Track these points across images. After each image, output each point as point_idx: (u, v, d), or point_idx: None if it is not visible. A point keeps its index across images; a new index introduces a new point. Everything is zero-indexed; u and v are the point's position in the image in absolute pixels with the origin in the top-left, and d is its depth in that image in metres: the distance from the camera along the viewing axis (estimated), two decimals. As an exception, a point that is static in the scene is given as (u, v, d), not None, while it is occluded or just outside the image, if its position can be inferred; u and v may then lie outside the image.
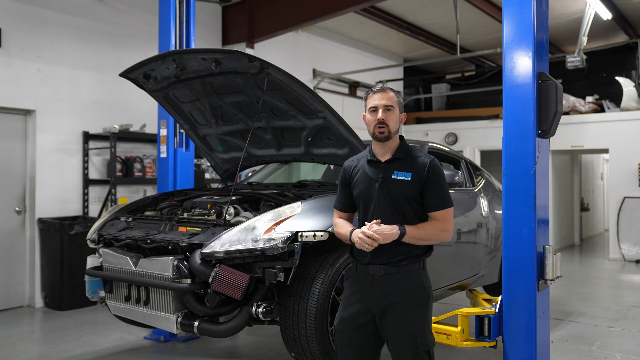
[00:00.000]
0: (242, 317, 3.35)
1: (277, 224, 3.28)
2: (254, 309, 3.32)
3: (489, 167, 8.37)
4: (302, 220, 3.33)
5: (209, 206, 3.90)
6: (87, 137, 6.57)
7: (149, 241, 3.64)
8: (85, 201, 6.56)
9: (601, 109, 10.17)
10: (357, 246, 2.55)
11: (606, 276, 8.47)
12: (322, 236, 3.31)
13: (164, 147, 5.15)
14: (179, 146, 5.17)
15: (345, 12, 7.98)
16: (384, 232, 2.49)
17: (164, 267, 3.44)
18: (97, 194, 6.74)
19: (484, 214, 5.09)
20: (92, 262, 4.04)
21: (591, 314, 5.84)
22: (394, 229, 2.50)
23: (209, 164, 5.30)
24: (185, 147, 5.20)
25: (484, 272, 5.16)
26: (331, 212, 3.36)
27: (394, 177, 2.59)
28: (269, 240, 3.22)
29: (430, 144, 4.95)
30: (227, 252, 3.26)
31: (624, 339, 4.97)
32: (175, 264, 3.40)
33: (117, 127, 6.48)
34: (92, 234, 4.08)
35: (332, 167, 5.27)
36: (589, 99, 10.57)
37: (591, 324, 5.44)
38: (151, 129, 6.99)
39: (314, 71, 9.85)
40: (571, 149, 10.44)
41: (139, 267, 3.60)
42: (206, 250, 3.30)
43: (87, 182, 6.58)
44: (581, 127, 10.02)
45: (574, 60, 8.59)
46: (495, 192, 5.53)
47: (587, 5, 8.02)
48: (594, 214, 14.20)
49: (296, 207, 3.41)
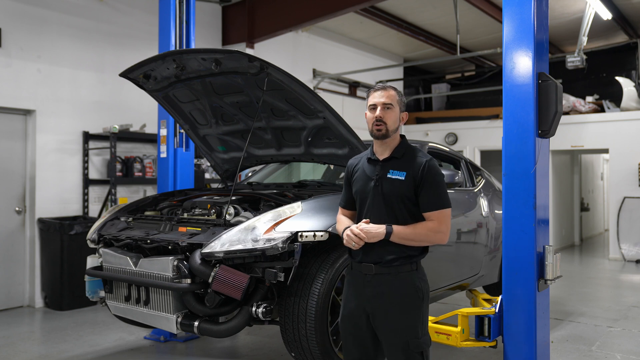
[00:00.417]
0: (242, 317, 3.36)
1: (277, 224, 3.28)
2: (254, 309, 3.32)
3: (489, 167, 8.37)
4: (302, 220, 3.33)
5: (209, 206, 3.90)
6: (87, 137, 6.57)
7: (149, 241, 3.64)
8: (85, 201, 6.56)
9: (601, 109, 10.17)
10: (344, 243, 2.56)
11: (606, 276, 8.47)
12: (322, 236, 3.31)
13: (164, 147, 5.15)
14: (179, 146, 5.17)
15: (345, 12, 7.98)
16: (369, 231, 2.49)
17: (164, 267, 3.44)
18: (97, 194, 6.74)
19: (484, 214, 5.09)
20: (92, 262, 4.04)
21: (591, 314, 5.84)
22: (380, 228, 2.49)
23: (209, 164, 5.30)
24: (185, 147, 5.20)
25: (484, 272, 5.16)
26: (331, 212, 3.38)
27: (389, 175, 2.59)
28: (269, 240, 3.22)
29: (430, 144, 4.95)
30: (227, 252, 3.26)
31: (624, 339, 4.98)
32: (175, 264, 3.40)
33: (117, 127, 6.48)
34: (92, 234, 4.08)
35: (332, 167, 5.27)
36: (589, 99, 10.57)
37: (591, 324, 5.44)
38: (151, 129, 6.99)
39: (314, 71, 9.84)
40: (571, 149, 10.44)
41: (139, 267, 3.60)
42: (206, 250, 3.30)
43: (87, 182, 6.58)
44: (581, 127, 10.02)
45: (574, 60, 8.59)
46: (495, 192, 5.53)
47: (587, 5, 8.01)
48: (594, 214, 14.20)
49: (296, 207, 3.41)
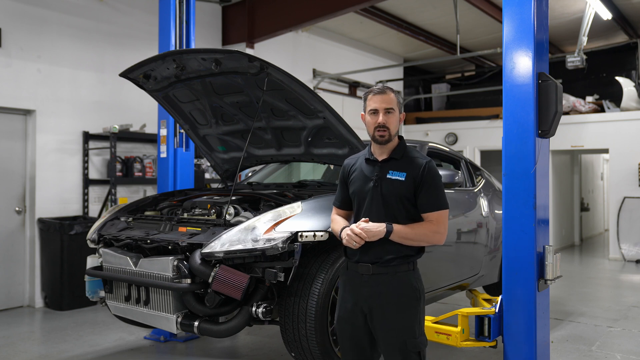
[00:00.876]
0: (242, 317, 3.36)
1: (277, 224, 3.28)
2: (254, 309, 3.32)
3: (489, 167, 8.37)
4: (302, 220, 3.33)
5: (209, 206, 3.90)
6: (87, 137, 6.57)
7: (149, 241, 3.64)
8: (85, 201, 6.56)
9: (601, 109, 10.16)
10: (344, 243, 2.56)
11: (606, 276, 8.47)
12: (322, 236, 3.31)
13: (164, 147, 5.15)
14: (179, 146, 5.17)
15: (345, 12, 7.98)
16: (370, 229, 2.49)
17: (164, 267, 3.44)
18: (97, 194, 6.74)
19: (484, 214, 5.09)
20: (92, 262, 4.04)
21: (591, 314, 5.84)
22: (380, 227, 2.50)
23: (209, 164, 5.29)
24: (185, 147, 5.20)
25: (484, 272, 5.16)
26: (331, 212, 3.38)
27: (388, 176, 2.59)
28: (269, 240, 3.22)
29: (430, 144, 4.95)
30: (227, 252, 3.26)
31: (624, 339, 4.98)
32: (175, 264, 3.40)
33: (117, 127, 6.48)
34: (92, 234, 4.08)
35: (332, 167, 5.27)
36: (589, 99, 10.57)
37: (591, 324, 5.44)
38: (151, 129, 6.99)
39: (314, 71, 9.85)
40: (571, 149, 10.44)
41: (139, 267, 3.60)
42: (206, 250, 3.30)
43: (87, 182, 6.58)
44: (581, 127, 10.02)
45: (574, 60, 8.59)
46: (495, 192, 5.53)
47: (587, 5, 8.01)
48: (594, 214, 14.20)
49: (296, 207, 3.41)
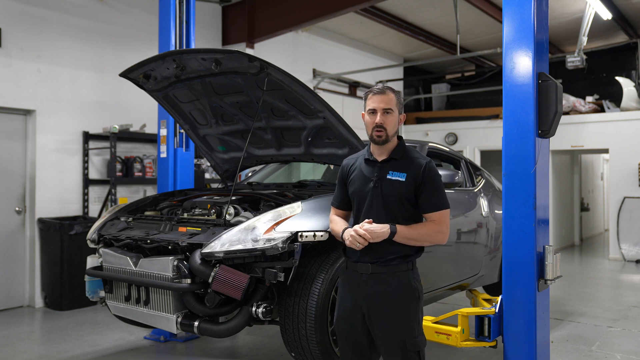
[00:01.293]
0: (242, 317, 3.36)
1: (277, 224, 3.28)
2: (254, 309, 3.32)
3: (489, 167, 8.37)
4: (302, 220, 3.33)
5: (209, 206, 3.90)
6: (87, 137, 6.57)
7: (149, 241, 3.64)
8: (85, 201, 6.56)
9: (601, 109, 10.16)
10: (348, 244, 2.55)
11: (606, 276, 8.47)
12: (322, 236, 3.31)
13: (164, 147, 5.15)
14: (179, 146, 5.17)
15: (345, 12, 7.98)
16: (374, 230, 2.49)
17: (164, 267, 3.44)
18: (97, 194, 6.74)
19: (484, 214, 5.09)
20: (92, 262, 4.04)
21: (591, 314, 5.84)
22: (384, 228, 2.50)
23: (209, 164, 5.29)
24: (185, 147, 5.20)
25: (484, 272, 5.16)
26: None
27: (388, 177, 2.59)
28: (269, 240, 3.22)
29: (430, 144, 4.95)
30: (227, 252, 3.26)
31: (624, 339, 4.98)
32: (175, 264, 3.40)
33: (117, 127, 6.48)
34: (92, 234, 4.08)
35: (332, 167, 5.27)
36: (589, 99, 10.57)
37: (591, 324, 5.44)
38: (151, 129, 6.99)
39: (314, 71, 9.84)
40: (571, 149, 10.44)
41: (139, 267, 3.60)
42: (206, 250, 3.30)
43: (87, 182, 6.58)
44: (581, 127, 10.02)
45: (574, 60, 8.59)
46: (495, 192, 5.53)
47: (587, 5, 8.02)
48: (594, 214, 14.19)
49: (296, 207, 3.41)
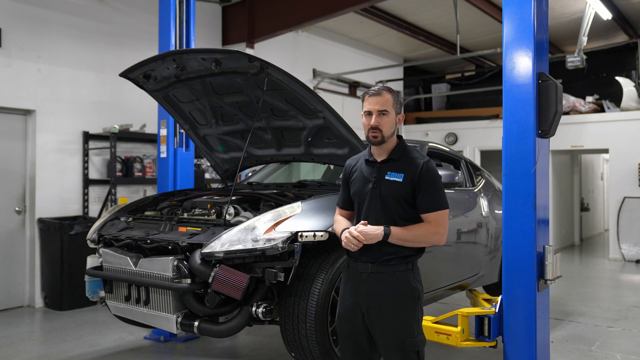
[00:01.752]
0: (242, 317, 3.36)
1: (277, 224, 3.28)
2: (254, 309, 3.33)
3: (489, 167, 8.37)
4: (302, 220, 3.33)
5: (209, 206, 3.90)
6: (87, 137, 6.57)
7: (149, 241, 3.64)
8: (85, 201, 6.56)
9: (601, 109, 10.16)
10: (343, 245, 2.57)
11: (606, 276, 8.47)
12: (322, 236, 3.31)
13: (164, 147, 5.15)
14: (179, 146, 5.17)
15: (345, 12, 7.98)
16: (368, 232, 2.51)
17: (164, 267, 3.44)
18: (97, 194, 6.74)
19: (484, 214, 5.09)
20: (92, 262, 4.04)
21: (591, 314, 5.84)
22: (378, 230, 2.51)
23: (209, 164, 5.29)
24: (185, 147, 5.20)
25: (484, 272, 5.16)
26: (331, 212, 3.37)
27: (387, 177, 2.59)
28: (269, 240, 3.22)
29: (430, 144, 4.95)
30: (227, 252, 3.26)
31: (624, 339, 4.98)
32: (175, 264, 3.40)
33: (117, 127, 6.48)
34: (92, 234, 4.08)
35: (332, 167, 5.27)
36: (589, 99, 10.57)
37: (591, 324, 5.44)
38: (151, 129, 6.99)
39: (314, 71, 9.84)
40: (571, 149, 10.44)
41: (139, 267, 3.60)
42: (206, 250, 3.30)
43: (87, 182, 6.58)
44: (581, 127, 10.02)
45: (574, 60, 8.59)
46: (495, 192, 5.53)
47: (587, 5, 8.02)
48: (594, 214, 14.19)
49: (296, 207, 3.41)
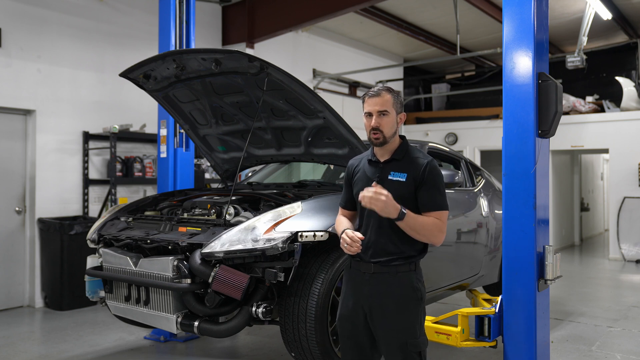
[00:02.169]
0: (242, 317, 3.36)
1: (277, 224, 3.28)
2: (254, 309, 3.33)
3: (489, 167, 8.37)
4: (302, 220, 3.33)
5: (209, 206, 3.90)
6: (87, 137, 6.57)
7: (149, 241, 3.64)
8: (85, 201, 6.56)
9: (601, 109, 10.16)
10: (341, 246, 2.54)
11: (606, 276, 8.47)
12: (322, 236, 3.31)
13: (164, 147, 5.15)
14: (179, 146, 5.17)
15: (345, 12, 7.98)
16: (388, 199, 2.37)
17: (164, 267, 3.44)
18: (97, 194, 6.74)
19: (484, 214, 5.09)
20: (92, 262, 4.04)
21: (591, 314, 5.84)
22: (396, 204, 2.39)
23: (209, 164, 5.30)
24: (185, 147, 5.20)
25: (484, 272, 5.16)
26: (331, 212, 3.38)
27: (390, 177, 2.58)
28: (269, 240, 3.22)
29: (430, 144, 4.95)
30: (227, 252, 3.26)
31: (624, 339, 4.98)
32: (175, 264, 3.40)
33: (117, 127, 6.48)
34: (92, 234, 4.08)
35: (332, 167, 5.27)
36: (589, 99, 10.57)
37: (591, 324, 5.44)
38: (151, 129, 6.98)
39: (314, 71, 9.84)
40: (571, 149, 10.44)
41: (139, 267, 3.60)
42: (206, 250, 3.30)
43: (87, 182, 6.58)
44: (581, 127, 10.02)
45: (574, 60, 8.59)
46: (495, 192, 5.53)
47: (587, 5, 8.02)
48: (594, 214, 14.19)
49: (296, 207, 3.41)
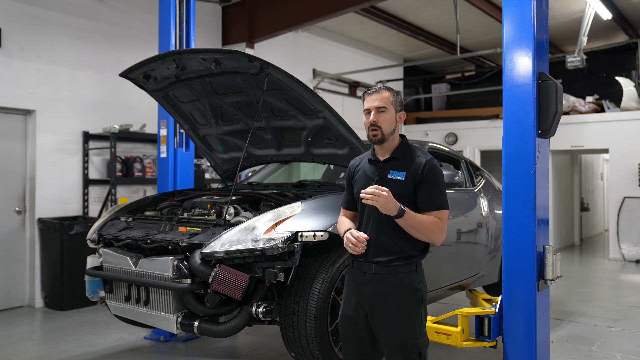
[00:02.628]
0: (242, 317, 3.36)
1: (277, 224, 3.28)
2: (254, 309, 3.33)
3: (489, 167, 8.37)
4: (302, 220, 3.33)
5: (209, 206, 3.90)
6: (87, 137, 6.57)
7: (149, 241, 3.64)
8: (85, 201, 6.56)
9: (601, 109, 10.17)
10: (344, 246, 2.55)
11: (606, 276, 8.47)
12: (322, 236, 3.31)
13: (164, 147, 5.15)
14: (179, 146, 5.17)
15: (345, 12, 7.98)
16: (388, 196, 2.39)
17: (164, 267, 3.44)
18: (97, 194, 6.74)
19: (484, 214, 5.09)
20: (92, 262, 4.04)
21: (591, 314, 5.84)
22: (396, 202, 2.42)
23: (209, 164, 5.30)
24: (185, 147, 5.20)
25: (484, 272, 5.16)
26: (331, 212, 3.38)
27: (389, 176, 2.58)
28: (269, 240, 3.22)
29: (430, 144, 4.95)
30: (227, 252, 3.26)
31: (624, 339, 4.98)
32: (175, 264, 3.40)
33: (117, 127, 6.48)
34: (92, 234, 4.08)
35: (332, 167, 5.27)
36: (589, 99, 10.57)
37: (591, 324, 5.44)
38: (151, 129, 6.98)
39: (314, 71, 9.84)
40: (571, 149, 10.44)
41: (139, 267, 3.60)
42: (206, 250, 3.30)
43: (87, 182, 6.58)
44: (581, 127, 10.02)
45: (574, 60, 8.58)
46: (495, 192, 5.53)
47: (587, 5, 8.01)
48: (594, 214, 14.19)
49: (296, 207, 3.40)
